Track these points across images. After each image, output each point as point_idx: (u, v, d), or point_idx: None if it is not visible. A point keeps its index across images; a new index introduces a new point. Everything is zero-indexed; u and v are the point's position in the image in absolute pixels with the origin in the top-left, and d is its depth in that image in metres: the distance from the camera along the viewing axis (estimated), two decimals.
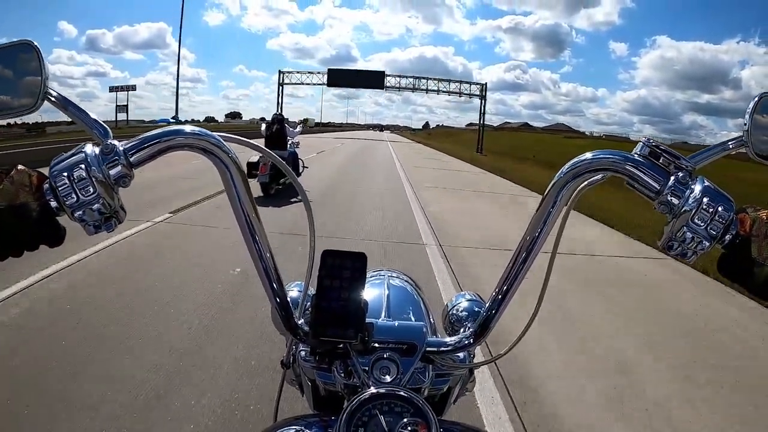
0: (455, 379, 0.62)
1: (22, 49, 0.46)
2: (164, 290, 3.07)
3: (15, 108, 0.46)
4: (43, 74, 0.45)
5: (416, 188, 9.16)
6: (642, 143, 0.47)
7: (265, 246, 0.54)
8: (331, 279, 0.51)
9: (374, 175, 11.39)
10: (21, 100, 0.46)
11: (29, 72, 0.46)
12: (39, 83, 0.45)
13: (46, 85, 0.45)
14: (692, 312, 3.42)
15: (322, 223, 5.14)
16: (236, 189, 0.50)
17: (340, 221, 5.57)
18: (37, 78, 0.45)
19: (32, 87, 0.46)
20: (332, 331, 0.50)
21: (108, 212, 0.44)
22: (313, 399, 0.62)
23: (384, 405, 0.48)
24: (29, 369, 2.09)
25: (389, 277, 0.80)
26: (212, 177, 0.52)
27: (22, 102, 0.46)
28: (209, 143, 0.47)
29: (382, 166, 14.58)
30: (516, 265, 0.53)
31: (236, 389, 2.02)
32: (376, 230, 5.30)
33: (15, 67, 0.47)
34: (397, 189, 9.03)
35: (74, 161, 0.43)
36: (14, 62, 0.47)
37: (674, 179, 0.45)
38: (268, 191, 6.61)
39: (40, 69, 0.45)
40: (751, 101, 0.48)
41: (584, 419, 2.00)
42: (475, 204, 8.04)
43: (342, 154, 19.08)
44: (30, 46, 0.46)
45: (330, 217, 5.64)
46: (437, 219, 6.11)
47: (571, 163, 0.48)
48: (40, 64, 0.46)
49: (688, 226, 0.44)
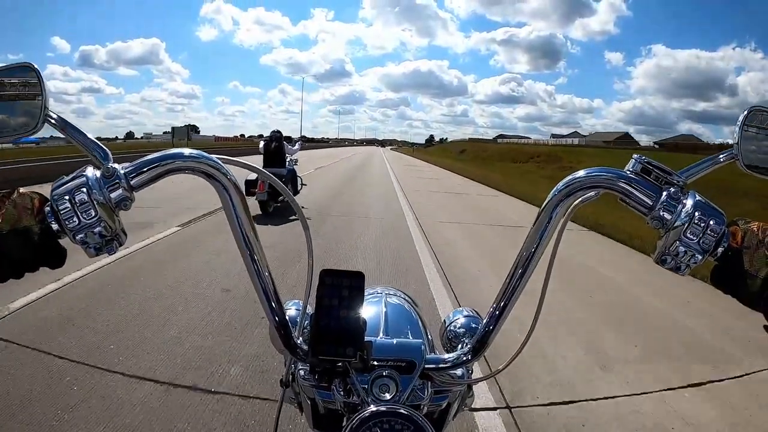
0: (454, 395, 0.62)
1: (23, 72, 0.47)
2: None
3: (15, 130, 0.46)
4: (43, 96, 0.46)
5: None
6: (634, 160, 0.48)
7: (264, 265, 0.54)
8: (329, 298, 0.51)
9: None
10: (21, 122, 0.46)
11: (29, 94, 0.46)
12: (39, 106, 0.46)
13: (47, 108, 0.46)
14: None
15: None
16: (235, 210, 0.50)
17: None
18: (38, 100, 0.46)
19: (32, 109, 0.46)
20: (331, 349, 0.50)
21: (109, 235, 0.44)
22: (313, 417, 0.62)
23: (384, 423, 0.48)
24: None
25: (387, 294, 0.80)
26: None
27: (23, 124, 0.46)
28: (208, 166, 0.48)
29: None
30: (513, 281, 0.54)
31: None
32: None
33: (15, 89, 0.47)
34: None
35: (75, 185, 0.43)
36: (15, 84, 0.47)
37: (666, 195, 0.46)
38: (266, 209, 6.59)
39: (41, 91, 0.46)
40: (741, 115, 0.49)
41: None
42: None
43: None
44: (30, 69, 0.47)
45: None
46: None
47: (565, 180, 0.49)
48: (40, 87, 0.46)
49: (680, 241, 0.45)
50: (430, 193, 11.23)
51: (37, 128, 0.46)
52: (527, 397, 2.22)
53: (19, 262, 0.42)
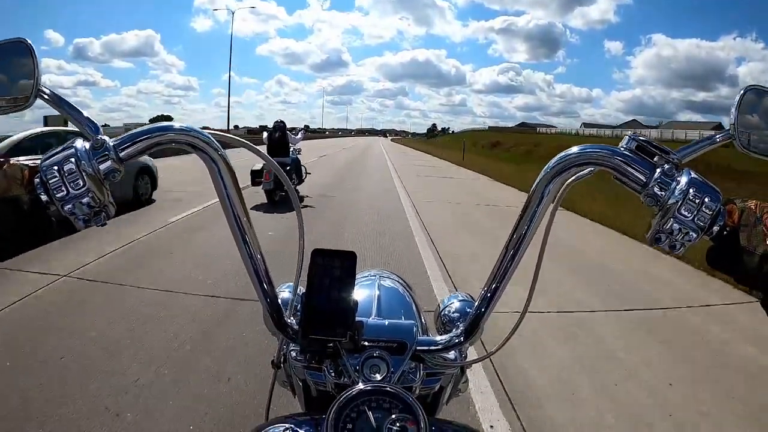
0: (447, 378, 0.62)
1: (16, 47, 0.47)
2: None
3: (8, 105, 0.47)
4: (36, 72, 0.46)
5: None
6: (628, 137, 0.47)
7: (255, 246, 0.54)
8: (320, 278, 0.51)
9: None
10: (14, 97, 0.47)
11: (22, 70, 0.47)
12: (32, 81, 0.46)
13: (39, 83, 0.46)
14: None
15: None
16: (225, 187, 0.50)
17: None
18: (31, 75, 0.46)
19: (25, 84, 0.46)
20: (322, 329, 0.50)
21: (97, 206, 0.44)
22: (305, 400, 0.62)
23: (372, 401, 0.47)
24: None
25: (380, 277, 0.80)
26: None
27: (15, 99, 0.47)
28: (198, 140, 0.47)
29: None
30: (504, 263, 0.53)
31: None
32: None
33: (8, 64, 0.47)
34: None
35: (64, 155, 0.43)
36: (7, 60, 0.47)
37: (660, 171, 0.45)
38: (272, 198, 6.67)
39: (34, 67, 0.46)
40: (737, 95, 0.49)
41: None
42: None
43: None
44: (24, 44, 0.47)
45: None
46: None
47: (558, 157, 0.48)
48: (33, 62, 0.46)
49: (675, 218, 0.44)
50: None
51: (29, 103, 0.46)
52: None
53: (7, 232, 0.42)
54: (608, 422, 1.97)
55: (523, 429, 1.90)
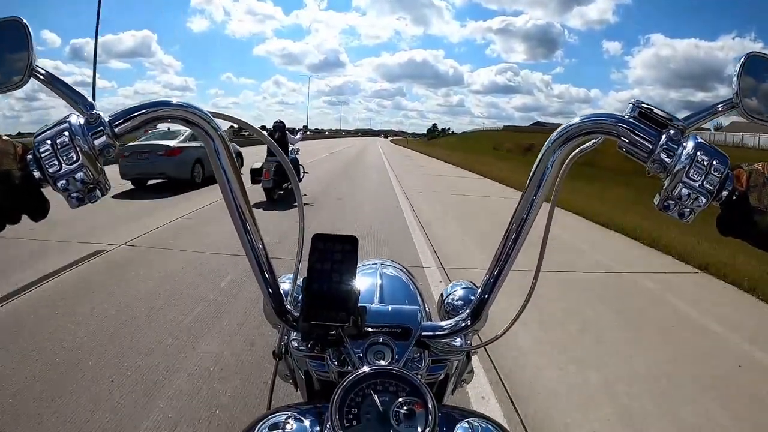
0: (452, 366, 0.60)
1: (10, 26, 0.46)
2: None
3: (2, 83, 0.46)
4: (30, 51, 0.45)
5: None
6: (632, 105, 0.46)
7: (256, 233, 0.52)
8: (321, 263, 0.50)
9: None
10: (8, 76, 0.46)
11: (16, 48, 0.46)
12: (26, 60, 0.45)
13: (33, 62, 0.45)
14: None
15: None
16: (222, 166, 0.49)
17: None
18: (24, 54, 0.45)
19: (19, 63, 0.46)
20: (324, 314, 0.49)
21: (91, 182, 0.43)
22: (308, 392, 0.60)
23: (378, 384, 0.45)
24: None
25: (382, 265, 0.78)
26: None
27: (9, 77, 0.46)
28: (195, 116, 0.47)
29: None
30: (506, 247, 0.52)
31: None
32: None
33: (2, 43, 0.47)
34: None
35: (58, 130, 0.42)
36: (2, 38, 0.47)
37: (666, 137, 0.44)
38: (271, 196, 6.75)
39: (28, 45, 0.45)
40: (738, 62, 0.48)
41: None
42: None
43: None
44: (18, 23, 0.46)
45: None
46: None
47: (561, 128, 0.47)
48: (27, 41, 0.46)
49: (683, 183, 0.43)
50: None
51: (23, 81, 0.45)
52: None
53: None
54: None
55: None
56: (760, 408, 2.15)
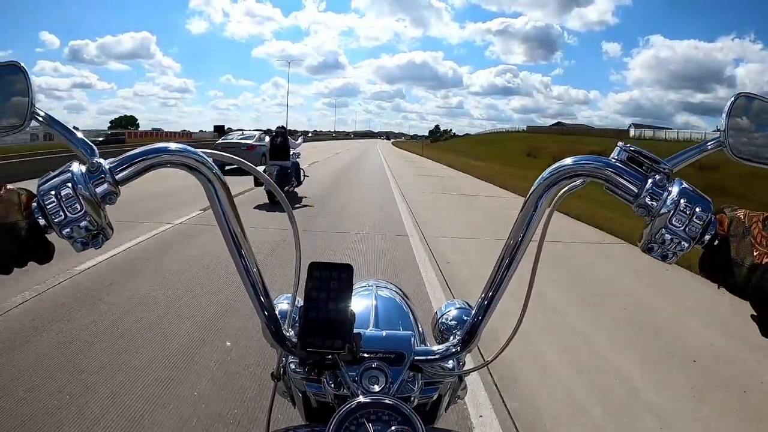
0: (445, 387, 0.62)
1: (9, 70, 0.47)
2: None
3: (3, 127, 0.47)
4: (30, 94, 0.46)
5: None
6: (620, 148, 0.48)
7: (252, 261, 0.54)
8: (318, 290, 0.52)
9: None
10: (8, 119, 0.47)
11: (16, 92, 0.47)
12: (26, 103, 0.46)
13: (34, 105, 0.46)
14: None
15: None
16: (221, 206, 0.50)
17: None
18: (25, 98, 0.46)
19: (19, 107, 0.47)
20: (320, 341, 0.51)
21: (95, 229, 0.44)
22: (305, 410, 0.62)
23: (372, 414, 0.48)
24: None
25: (377, 287, 0.80)
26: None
27: (10, 122, 0.47)
28: (194, 160, 0.48)
29: None
30: (500, 271, 0.53)
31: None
32: None
33: (2, 87, 0.48)
34: None
35: (61, 180, 0.43)
36: (2, 83, 0.48)
37: (651, 182, 0.45)
38: (273, 199, 6.97)
39: (28, 89, 0.46)
40: (727, 102, 0.49)
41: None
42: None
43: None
44: (17, 67, 0.47)
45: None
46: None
47: (551, 168, 0.49)
48: (27, 85, 0.46)
49: (666, 228, 0.44)
50: None
51: (24, 125, 0.47)
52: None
53: (6, 257, 0.43)
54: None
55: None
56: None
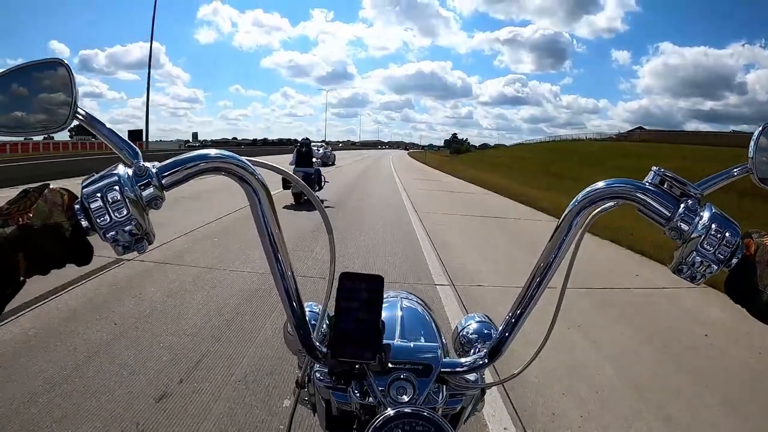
0: (468, 399, 0.63)
1: (53, 67, 0.46)
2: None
3: (46, 126, 0.46)
4: (73, 92, 0.45)
5: None
6: (653, 172, 0.49)
7: (287, 266, 0.53)
8: (348, 301, 0.52)
9: None
10: (51, 117, 0.46)
11: (60, 90, 0.46)
12: (70, 101, 0.45)
13: (77, 104, 0.45)
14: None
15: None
16: (263, 211, 0.50)
17: None
18: (68, 96, 0.46)
19: (63, 105, 0.46)
20: (350, 351, 0.51)
21: (140, 233, 0.44)
22: (326, 418, 0.62)
23: (406, 424, 0.48)
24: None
25: (402, 298, 0.81)
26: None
27: (53, 119, 0.46)
28: (238, 167, 0.48)
29: None
30: (530, 290, 0.54)
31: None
32: None
33: (46, 84, 0.47)
34: None
35: (107, 183, 0.43)
36: (45, 80, 0.47)
37: (684, 207, 0.47)
38: (299, 200, 8.33)
39: (71, 87, 0.46)
40: (756, 130, 0.51)
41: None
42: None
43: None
44: (61, 64, 0.46)
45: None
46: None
47: (585, 191, 0.50)
48: (70, 82, 0.46)
49: (697, 251, 0.46)
50: None
51: (66, 124, 0.46)
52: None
53: (49, 258, 0.42)
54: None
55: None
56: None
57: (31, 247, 0.41)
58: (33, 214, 0.42)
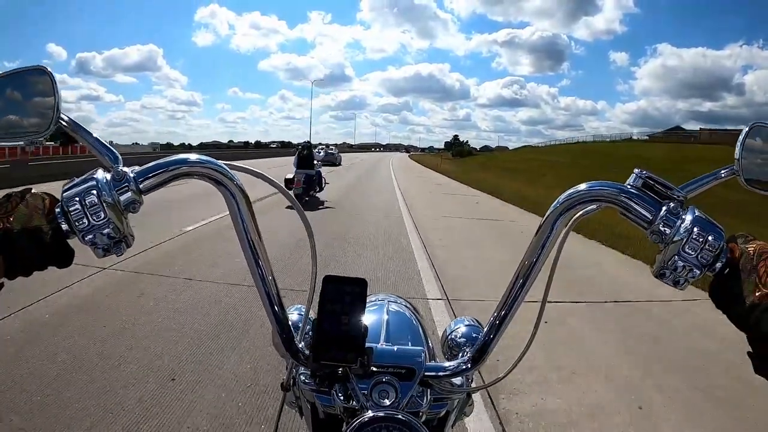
0: (453, 403, 0.62)
1: (36, 74, 0.47)
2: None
3: (28, 132, 0.47)
4: (56, 99, 0.46)
5: None
6: (635, 174, 0.49)
7: (268, 270, 0.54)
8: (332, 304, 0.52)
9: None
10: (34, 124, 0.47)
11: (42, 96, 0.47)
12: (52, 108, 0.46)
13: (59, 110, 0.46)
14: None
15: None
16: (241, 216, 0.51)
17: None
18: (51, 103, 0.46)
19: (45, 111, 0.47)
20: (333, 354, 0.51)
21: (117, 237, 0.44)
22: (312, 421, 0.62)
23: (383, 428, 0.48)
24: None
25: (389, 302, 0.81)
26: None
27: (35, 126, 0.47)
28: (216, 171, 0.48)
29: None
30: (513, 291, 0.54)
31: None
32: None
33: (28, 91, 0.47)
34: None
35: (86, 187, 0.44)
36: (28, 87, 0.47)
37: (666, 209, 0.46)
38: (301, 201, 8.41)
39: (54, 94, 0.46)
40: (742, 131, 0.50)
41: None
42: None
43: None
44: (43, 72, 0.47)
45: None
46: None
47: (567, 193, 0.50)
48: (53, 89, 0.47)
49: (679, 255, 0.45)
50: None
51: (49, 130, 0.47)
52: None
53: (29, 260, 0.43)
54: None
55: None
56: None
57: (9, 251, 0.42)
58: (13, 218, 0.43)
